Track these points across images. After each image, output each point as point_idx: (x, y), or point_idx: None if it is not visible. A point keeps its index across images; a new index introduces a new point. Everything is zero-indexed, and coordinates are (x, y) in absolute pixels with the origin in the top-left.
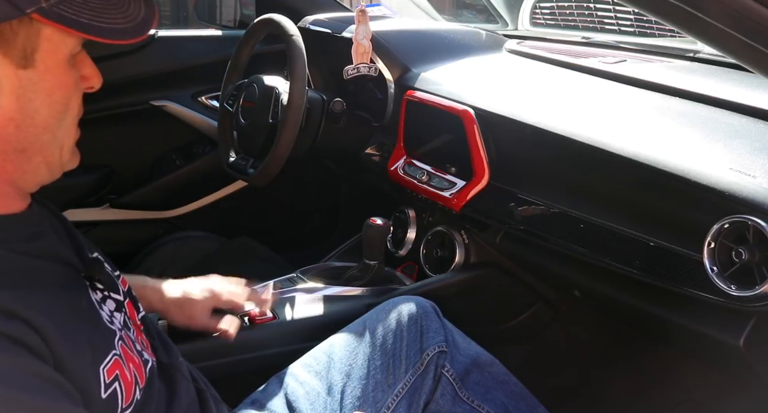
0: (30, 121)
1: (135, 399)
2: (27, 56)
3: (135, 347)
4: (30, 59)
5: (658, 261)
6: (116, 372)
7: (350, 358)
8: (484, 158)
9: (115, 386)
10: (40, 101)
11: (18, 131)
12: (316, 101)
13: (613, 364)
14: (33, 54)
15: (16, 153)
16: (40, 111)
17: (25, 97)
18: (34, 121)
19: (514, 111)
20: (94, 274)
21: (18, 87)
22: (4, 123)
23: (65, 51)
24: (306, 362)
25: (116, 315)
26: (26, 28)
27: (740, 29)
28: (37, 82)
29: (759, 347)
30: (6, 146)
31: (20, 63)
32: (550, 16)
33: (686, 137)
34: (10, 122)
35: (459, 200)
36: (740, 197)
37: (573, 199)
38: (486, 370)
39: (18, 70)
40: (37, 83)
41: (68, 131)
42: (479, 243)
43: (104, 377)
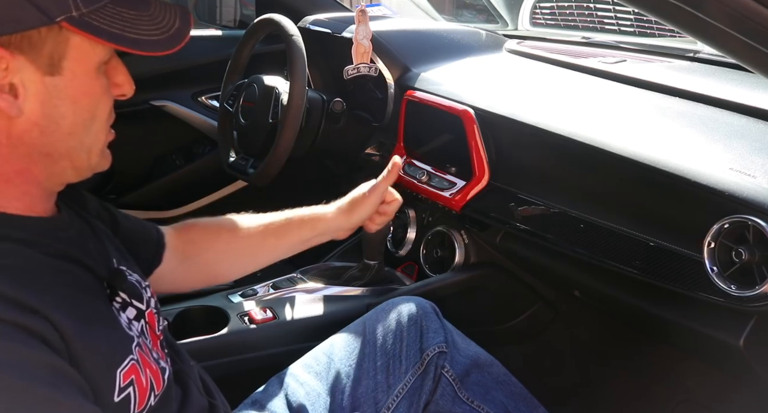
0: (55, 126)
1: (149, 405)
2: (54, 63)
3: (152, 354)
4: (57, 66)
5: (658, 261)
6: (132, 376)
7: (350, 359)
8: (484, 158)
9: (129, 390)
10: (65, 108)
11: (42, 136)
12: (316, 101)
13: (613, 364)
14: (60, 61)
15: (41, 156)
16: (65, 117)
17: (51, 103)
18: (59, 127)
19: (514, 111)
20: (116, 283)
21: (43, 93)
22: (29, 127)
23: (94, 59)
24: (306, 362)
25: (134, 323)
26: (55, 35)
27: (740, 29)
28: (63, 89)
29: (759, 347)
30: (31, 150)
31: (47, 70)
32: (550, 16)
33: (686, 137)
34: (35, 126)
35: (459, 200)
36: (740, 197)
37: (573, 199)
38: (486, 370)
39: (44, 76)
40: (63, 90)
41: (96, 136)
42: (479, 243)
43: (120, 380)
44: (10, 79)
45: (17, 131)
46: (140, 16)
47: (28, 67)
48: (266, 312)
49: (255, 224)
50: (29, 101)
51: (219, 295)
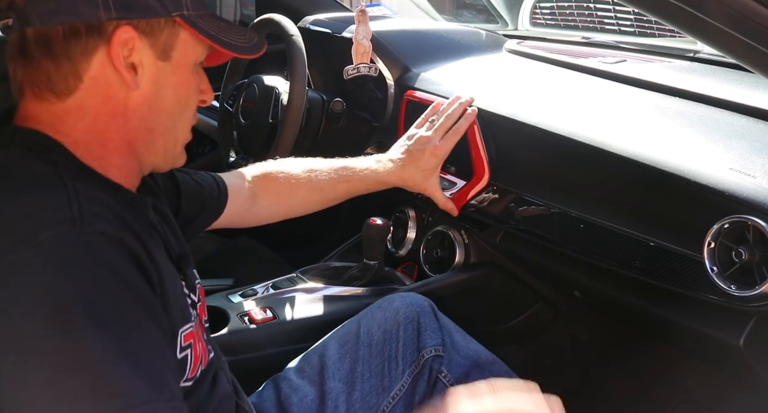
0: (160, 105)
1: (196, 375)
2: (166, 51)
3: (202, 337)
4: (168, 54)
5: (658, 261)
6: (191, 340)
7: (343, 362)
8: (484, 158)
9: (187, 352)
10: (169, 91)
11: (150, 112)
12: (316, 101)
13: (613, 364)
14: (170, 51)
15: (147, 131)
16: (168, 100)
17: (159, 84)
18: (163, 106)
19: (514, 111)
20: (182, 266)
21: (155, 74)
22: (141, 102)
23: (193, 56)
24: (299, 367)
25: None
26: (170, 27)
27: (740, 29)
28: (169, 74)
29: (759, 347)
30: (140, 123)
31: (160, 55)
32: (550, 16)
33: (686, 137)
34: (145, 102)
35: (459, 200)
36: (740, 197)
37: (573, 199)
38: (486, 369)
39: (158, 60)
40: (169, 75)
41: (184, 127)
42: (479, 243)
43: (181, 340)
44: (133, 58)
45: (133, 104)
46: (230, 27)
47: (148, 50)
48: (266, 311)
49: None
50: (145, 79)
51: (219, 295)
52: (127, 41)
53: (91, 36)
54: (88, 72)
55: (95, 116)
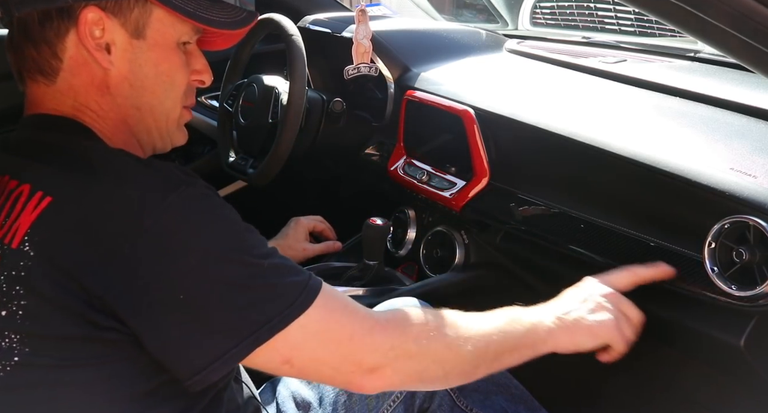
0: (140, 83)
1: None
2: (139, 29)
3: None
4: (141, 32)
5: (659, 261)
6: None
7: None
8: (484, 158)
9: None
10: (148, 68)
11: (132, 89)
12: (316, 101)
13: (613, 365)
14: (144, 29)
15: (133, 109)
16: (148, 77)
17: (136, 62)
18: (143, 83)
19: (514, 111)
20: None
21: (130, 52)
22: (121, 80)
23: (174, 35)
24: None
25: None
26: (141, 6)
27: (740, 29)
28: (146, 52)
29: (760, 347)
30: (125, 101)
31: (133, 34)
32: (551, 15)
33: (686, 137)
34: (125, 80)
35: (459, 200)
36: (741, 197)
37: (573, 199)
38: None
39: (131, 39)
40: (146, 53)
41: (174, 103)
42: (479, 243)
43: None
44: (105, 38)
45: (113, 82)
46: (213, 4)
47: (119, 29)
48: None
49: None
50: (119, 58)
51: None
52: (95, 21)
53: (62, 19)
54: (66, 53)
55: (86, 94)
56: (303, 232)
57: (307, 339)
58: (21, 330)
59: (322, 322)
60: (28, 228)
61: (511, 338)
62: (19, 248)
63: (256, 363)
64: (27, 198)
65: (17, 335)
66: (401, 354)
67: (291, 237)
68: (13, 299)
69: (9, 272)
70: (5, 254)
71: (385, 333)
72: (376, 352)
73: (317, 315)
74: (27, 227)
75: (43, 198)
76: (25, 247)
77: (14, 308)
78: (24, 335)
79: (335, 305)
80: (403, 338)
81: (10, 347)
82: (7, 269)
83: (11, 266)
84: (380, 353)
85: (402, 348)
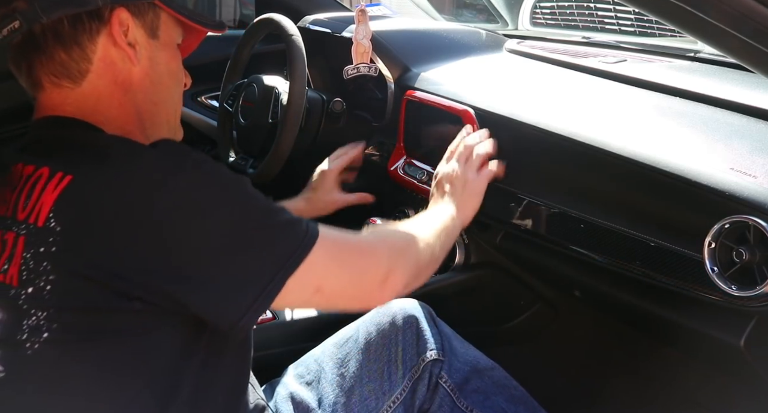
0: (158, 78)
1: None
2: (153, 30)
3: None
4: (155, 33)
5: (659, 261)
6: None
7: (341, 367)
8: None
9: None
10: (163, 66)
11: (152, 85)
12: (316, 101)
13: (614, 364)
14: (156, 30)
15: (151, 104)
16: (163, 74)
17: (154, 60)
18: (160, 79)
19: (514, 111)
20: None
21: (150, 50)
22: (143, 76)
23: (175, 37)
24: (297, 372)
25: None
26: (153, 9)
27: (740, 29)
28: (161, 51)
29: (760, 347)
30: (145, 97)
31: (150, 34)
32: (551, 15)
33: (686, 137)
34: (146, 76)
35: None
36: (741, 197)
37: (573, 199)
38: (486, 375)
39: (149, 39)
40: (161, 51)
41: (179, 100)
42: (479, 243)
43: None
44: (129, 38)
45: (137, 79)
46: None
47: (140, 29)
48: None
49: None
50: (142, 56)
51: None
52: (123, 21)
53: (93, 21)
54: (96, 54)
55: (110, 96)
56: (331, 182)
57: (327, 264)
58: (49, 306)
59: (335, 246)
60: (51, 205)
61: (446, 227)
62: (45, 225)
63: (290, 299)
64: (47, 179)
65: (45, 311)
66: (398, 255)
67: (320, 190)
68: (41, 275)
69: (36, 250)
70: (31, 233)
71: (380, 243)
72: (382, 260)
73: (328, 242)
74: (51, 205)
75: (64, 177)
76: (50, 224)
77: (42, 284)
78: (52, 311)
79: (335, 233)
80: (392, 241)
81: (38, 324)
82: (34, 247)
83: (38, 243)
84: (385, 260)
85: (396, 249)
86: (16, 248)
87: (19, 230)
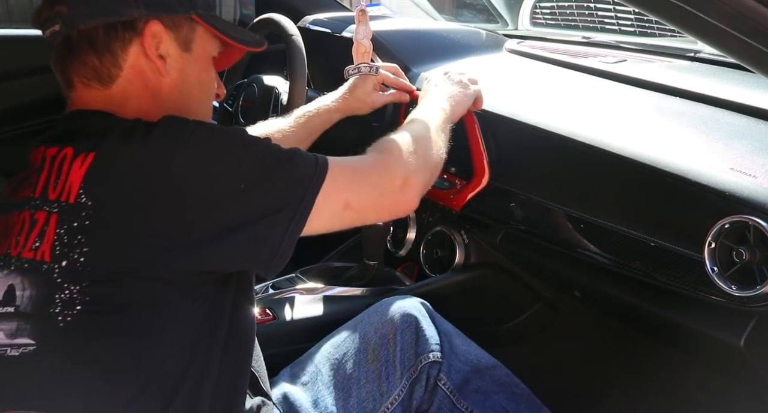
0: (188, 90)
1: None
2: (187, 43)
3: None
4: (189, 46)
5: (659, 261)
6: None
7: (339, 368)
8: (484, 158)
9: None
10: (194, 77)
11: (181, 96)
12: None
13: (614, 364)
14: (190, 44)
15: (180, 112)
16: (194, 86)
17: (185, 72)
18: (191, 91)
19: (514, 111)
20: None
21: (181, 63)
22: (172, 88)
23: (209, 50)
24: (293, 373)
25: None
26: (189, 23)
27: (740, 28)
28: (192, 64)
29: (760, 347)
30: (173, 106)
31: (183, 47)
32: (551, 15)
33: (686, 137)
34: (175, 87)
35: (459, 200)
36: (741, 197)
37: (573, 199)
38: (487, 374)
39: (182, 52)
40: (192, 64)
41: (208, 111)
42: (479, 243)
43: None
44: (161, 50)
45: (166, 89)
46: (233, 26)
47: (172, 42)
48: (266, 312)
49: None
50: (172, 67)
51: None
52: (156, 34)
53: (127, 31)
54: (126, 62)
55: (139, 99)
56: (371, 85)
57: (348, 180)
58: (82, 279)
59: (348, 165)
60: (81, 182)
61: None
62: (77, 201)
63: (324, 218)
64: (72, 158)
65: (78, 285)
66: (408, 160)
67: (360, 90)
68: (75, 248)
69: (70, 225)
70: (64, 210)
71: (388, 154)
72: (396, 168)
73: (340, 162)
74: (80, 181)
75: (88, 155)
76: (81, 199)
77: (75, 256)
78: (85, 284)
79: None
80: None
81: (71, 297)
82: (68, 223)
83: (72, 219)
84: (398, 167)
85: (404, 155)
86: (48, 226)
87: (51, 209)
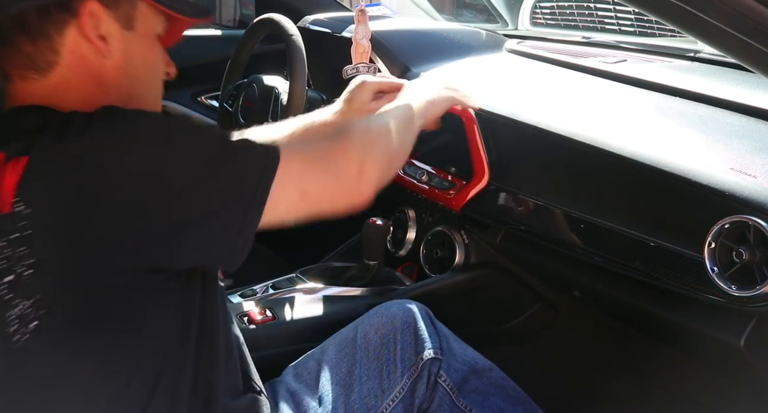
0: (134, 72)
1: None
2: (129, 21)
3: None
4: (131, 23)
5: (659, 261)
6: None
7: (341, 365)
8: (484, 158)
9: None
10: (139, 58)
11: (127, 79)
12: (316, 101)
13: (614, 365)
14: (132, 21)
15: (127, 98)
16: (139, 67)
17: (129, 52)
18: (136, 72)
19: (514, 111)
20: None
21: (123, 43)
22: (117, 70)
23: (153, 27)
24: (297, 372)
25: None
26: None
27: (740, 28)
28: (137, 43)
29: (760, 347)
30: (119, 91)
31: (125, 25)
32: (551, 15)
33: (686, 137)
34: (120, 70)
35: (459, 200)
36: (741, 197)
37: (573, 199)
38: (484, 376)
39: (124, 30)
40: (137, 44)
41: (157, 93)
42: (479, 243)
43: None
44: (101, 30)
45: (110, 73)
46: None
47: (113, 21)
48: (266, 312)
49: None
50: (114, 48)
51: None
52: (93, 13)
53: (61, 13)
54: (65, 46)
55: (80, 87)
56: (369, 94)
57: (302, 166)
58: (32, 292)
59: (301, 151)
60: (14, 189)
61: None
62: (13, 210)
63: (280, 208)
64: (3, 164)
65: (30, 298)
66: (367, 145)
67: (357, 100)
68: (20, 260)
69: (8, 237)
70: (1, 222)
71: (346, 138)
72: (352, 152)
73: (293, 148)
74: (13, 189)
75: (20, 159)
76: (18, 207)
77: (21, 270)
78: (38, 296)
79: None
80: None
81: (24, 313)
82: (6, 235)
83: (10, 229)
84: (355, 152)
85: (363, 140)
86: None
87: None
